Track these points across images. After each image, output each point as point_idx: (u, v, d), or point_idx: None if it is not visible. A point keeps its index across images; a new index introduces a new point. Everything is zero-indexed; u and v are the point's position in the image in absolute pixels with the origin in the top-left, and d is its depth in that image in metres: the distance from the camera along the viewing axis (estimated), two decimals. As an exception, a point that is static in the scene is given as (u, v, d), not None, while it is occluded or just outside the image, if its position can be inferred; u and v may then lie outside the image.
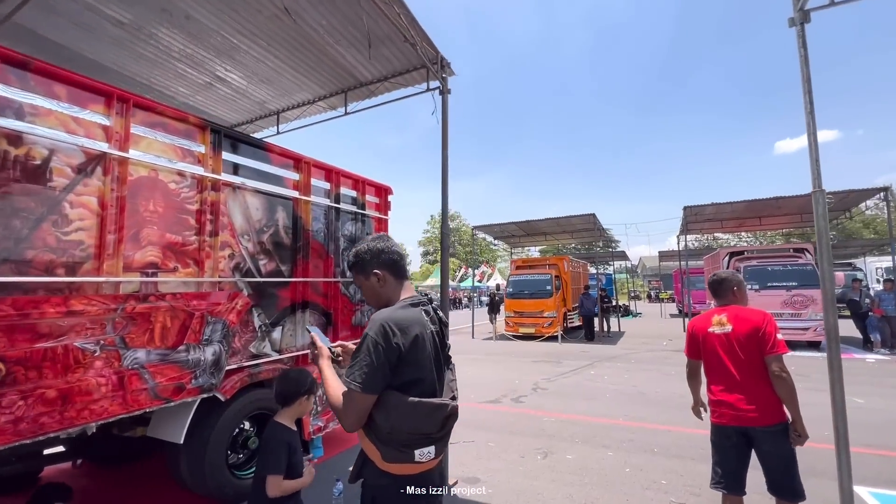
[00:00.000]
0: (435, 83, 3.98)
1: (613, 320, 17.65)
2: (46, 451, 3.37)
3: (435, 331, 1.63)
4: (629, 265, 39.84)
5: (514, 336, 14.82)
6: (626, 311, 27.49)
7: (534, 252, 23.97)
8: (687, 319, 13.69)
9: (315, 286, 4.29)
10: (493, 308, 16.39)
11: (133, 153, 2.78)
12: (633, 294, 57.57)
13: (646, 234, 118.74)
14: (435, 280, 42.31)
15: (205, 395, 3.01)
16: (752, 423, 2.45)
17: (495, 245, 23.88)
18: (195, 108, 5.07)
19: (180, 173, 3.07)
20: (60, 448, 3.45)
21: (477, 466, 4.11)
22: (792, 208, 12.50)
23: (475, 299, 35.40)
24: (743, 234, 41.74)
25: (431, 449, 1.45)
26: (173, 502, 3.50)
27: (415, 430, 1.43)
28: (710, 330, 2.62)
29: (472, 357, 10.88)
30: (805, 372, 8.13)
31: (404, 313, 1.55)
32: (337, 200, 4.65)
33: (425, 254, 58.54)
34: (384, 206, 5.56)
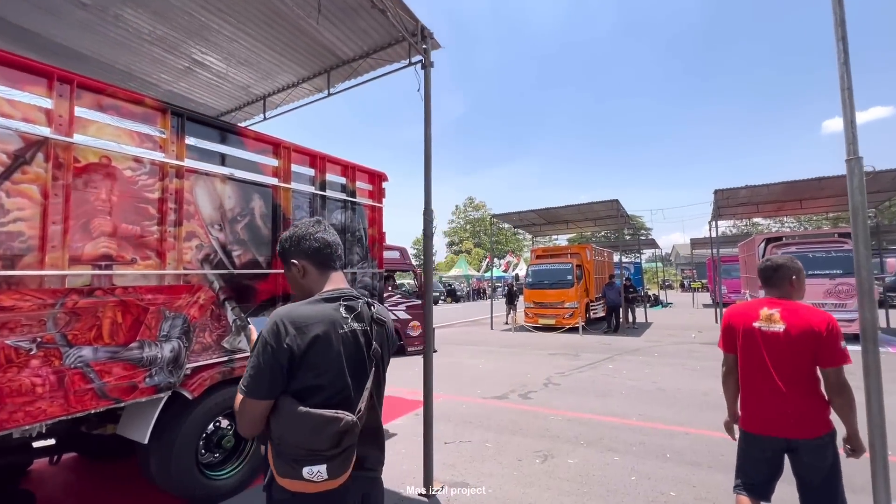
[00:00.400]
0: (417, 57, 3.66)
1: (640, 311, 16.93)
2: (36, 445, 3.32)
3: (359, 330, 1.38)
4: (661, 253, 38.40)
5: (533, 327, 14.41)
6: (656, 302, 26.51)
7: (562, 241, 23.21)
8: (720, 310, 12.75)
9: (299, 278, 4.09)
10: (511, 299, 15.93)
11: (80, 138, 2.60)
12: (665, 283, 55.82)
13: (679, 222, 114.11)
14: (459, 270, 42.07)
15: (162, 395, 2.85)
16: (792, 435, 2.08)
17: (521, 235, 23.39)
18: (179, 96, 4.93)
19: (137, 159, 2.88)
20: (51, 441, 3.39)
21: (468, 469, 3.84)
22: (836, 189, 11.45)
23: (499, 290, 34.99)
24: (786, 218, 39.46)
25: (323, 468, 1.22)
26: (160, 499, 3.41)
27: (301, 443, 1.22)
28: (756, 325, 2.19)
29: (486, 349, 10.59)
30: (849, 369, 7.42)
31: (308, 309, 1.33)
32: (322, 188, 4.42)
33: (450, 244, 58.62)
34: (378, 194, 5.30)
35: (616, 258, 19.31)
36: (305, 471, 1.21)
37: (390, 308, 10.03)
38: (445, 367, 8.54)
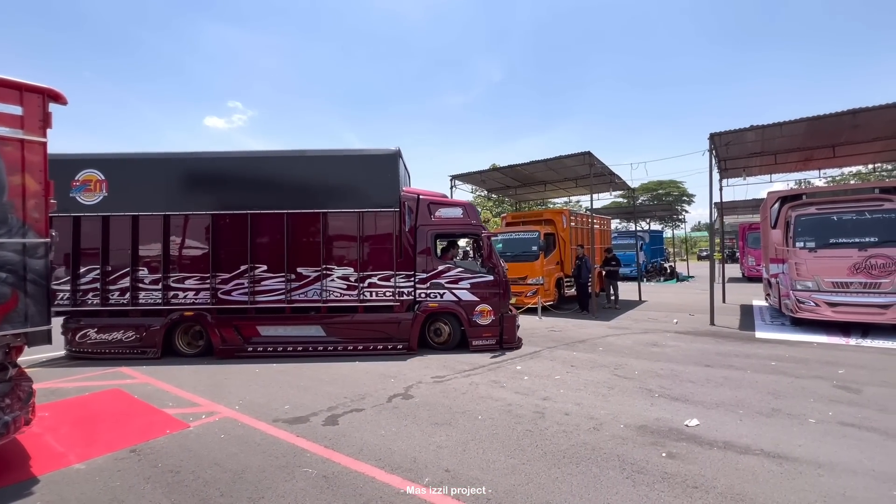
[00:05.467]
0: None
1: (629, 287, 14.44)
2: None
3: None
4: (698, 222, 34.63)
5: (491, 307, 12.34)
6: (671, 275, 23.54)
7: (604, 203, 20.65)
8: (721, 288, 9.75)
9: None
10: None
11: None
12: (702, 254, 51.38)
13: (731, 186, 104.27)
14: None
15: None
16: None
17: (552, 203, 21.13)
18: None
19: None
20: None
21: None
22: (879, 128, 8.44)
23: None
24: (833, 172, 34.08)
25: None
26: None
27: None
28: None
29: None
30: (883, 378, 5.02)
31: None
32: None
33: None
34: (34, 121, 3.42)
35: (654, 226, 16.65)
36: None
37: (448, 285, 7.10)
38: (314, 363, 6.76)
